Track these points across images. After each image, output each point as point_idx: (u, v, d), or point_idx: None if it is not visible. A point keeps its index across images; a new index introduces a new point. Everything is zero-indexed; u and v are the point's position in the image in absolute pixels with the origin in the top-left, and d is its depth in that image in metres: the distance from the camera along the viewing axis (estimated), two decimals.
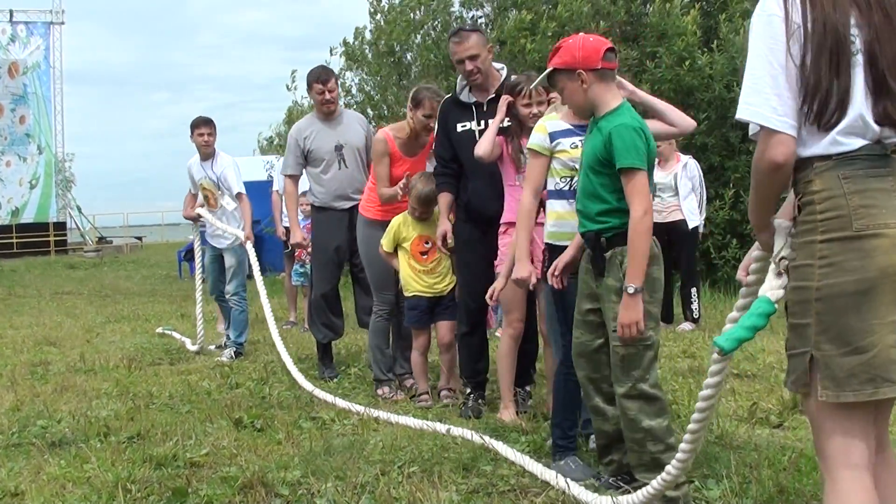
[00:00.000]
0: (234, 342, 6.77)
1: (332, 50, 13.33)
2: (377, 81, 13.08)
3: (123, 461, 3.76)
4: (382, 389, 5.18)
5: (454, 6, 12.19)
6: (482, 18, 12.06)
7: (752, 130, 2.09)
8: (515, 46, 10.26)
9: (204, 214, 6.85)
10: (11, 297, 13.46)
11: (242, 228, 6.68)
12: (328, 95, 5.65)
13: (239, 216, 6.78)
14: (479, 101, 4.67)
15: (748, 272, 2.44)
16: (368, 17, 13.35)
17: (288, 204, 6.01)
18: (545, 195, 3.76)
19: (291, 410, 4.73)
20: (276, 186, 8.60)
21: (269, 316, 6.31)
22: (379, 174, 5.12)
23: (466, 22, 11.57)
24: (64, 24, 30.29)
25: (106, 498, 3.30)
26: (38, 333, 8.48)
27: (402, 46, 12.62)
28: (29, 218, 29.17)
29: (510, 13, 11.11)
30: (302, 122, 5.94)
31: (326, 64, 7.83)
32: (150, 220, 46.72)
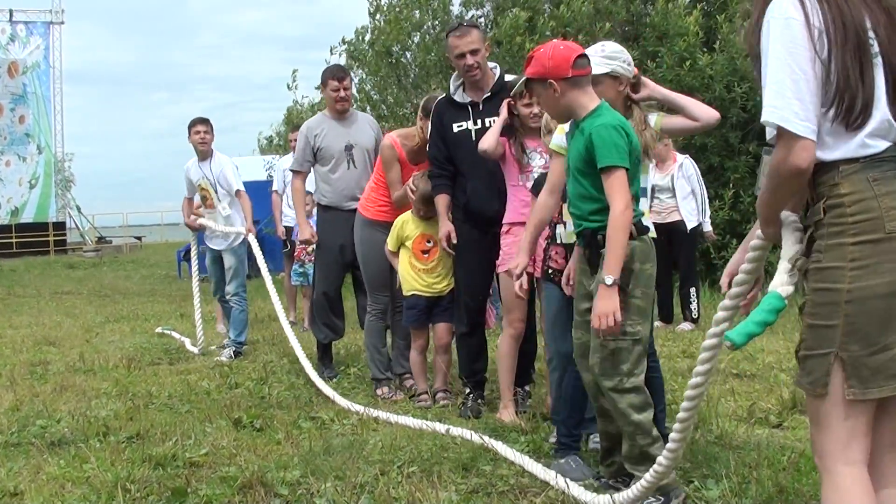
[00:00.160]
0: (233, 341, 6.78)
1: (332, 49, 13.35)
2: (377, 81, 13.08)
3: (123, 461, 3.76)
4: (382, 389, 5.18)
5: (453, 5, 12.20)
6: (482, 18, 12.07)
7: (769, 135, 2.09)
8: (513, 45, 10.25)
9: (206, 223, 6.85)
10: (11, 296, 13.45)
11: (243, 225, 6.68)
12: (343, 93, 5.65)
13: (238, 219, 6.79)
14: (474, 100, 4.65)
15: (731, 283, 2.40)
16: (368, 16, 13.38)
17: (295, 200, 5.99)
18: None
19: (291, 410, 4.73)
20: (275, 186, 8.61)
21: (280, 314, 6.24)
22: (391, 180, 5.11)
23: (465, 21, 11.57)
24: (64, 23, 30.33)
25: (105, 498, 3.30)
26: (37, 333, 8.47)
27: (401, 46, 12.63)
28: (28, 218, 29.16)
29: (510, 13, 11.10)
30: (313, 119, 5.91)
31: (327, 63, 7.84)
32: (149, 219, 46.81)
